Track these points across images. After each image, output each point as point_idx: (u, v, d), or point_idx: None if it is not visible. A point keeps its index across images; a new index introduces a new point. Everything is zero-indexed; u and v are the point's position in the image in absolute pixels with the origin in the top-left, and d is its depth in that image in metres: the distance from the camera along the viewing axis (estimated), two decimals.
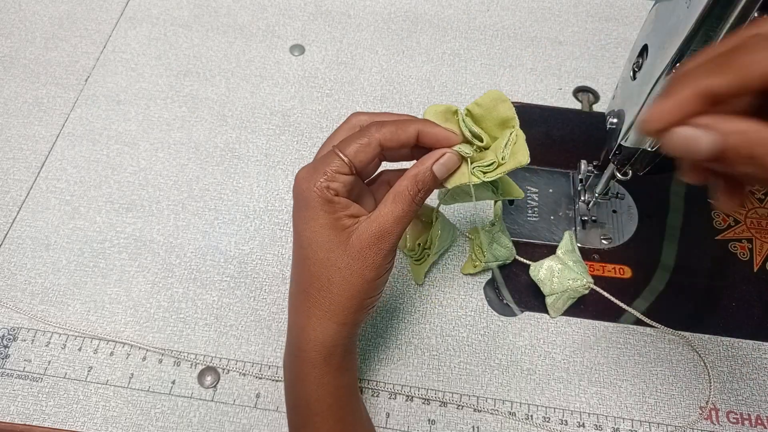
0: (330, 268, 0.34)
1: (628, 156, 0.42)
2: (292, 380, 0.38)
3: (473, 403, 0.44)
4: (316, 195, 0.33)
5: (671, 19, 0.35)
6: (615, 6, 0.66)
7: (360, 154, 0.34)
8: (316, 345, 0.36)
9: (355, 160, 0.34)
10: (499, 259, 0.48)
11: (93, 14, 0.64)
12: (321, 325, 0.35)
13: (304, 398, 0.37)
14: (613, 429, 0.43)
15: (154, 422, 0.43)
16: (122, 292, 0.48)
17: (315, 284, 0.35)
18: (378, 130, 0.34)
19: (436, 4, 0.66)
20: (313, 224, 0.34)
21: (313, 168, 0.34)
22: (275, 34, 0.63)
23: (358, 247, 0.34)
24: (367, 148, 0.34)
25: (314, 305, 0.35)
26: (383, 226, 0.34)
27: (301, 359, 0.36)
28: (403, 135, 0.35)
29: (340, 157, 0.34)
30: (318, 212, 0.34)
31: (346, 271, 0.34)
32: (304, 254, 0.35)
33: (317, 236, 0.34)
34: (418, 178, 0.34)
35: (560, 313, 0.47)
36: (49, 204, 0.52)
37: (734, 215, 0.52)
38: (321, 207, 0.34)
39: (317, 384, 0.36)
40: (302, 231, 0.35)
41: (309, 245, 0.34)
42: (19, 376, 0.44)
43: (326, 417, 0.36)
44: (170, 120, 0.57)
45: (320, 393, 0.36)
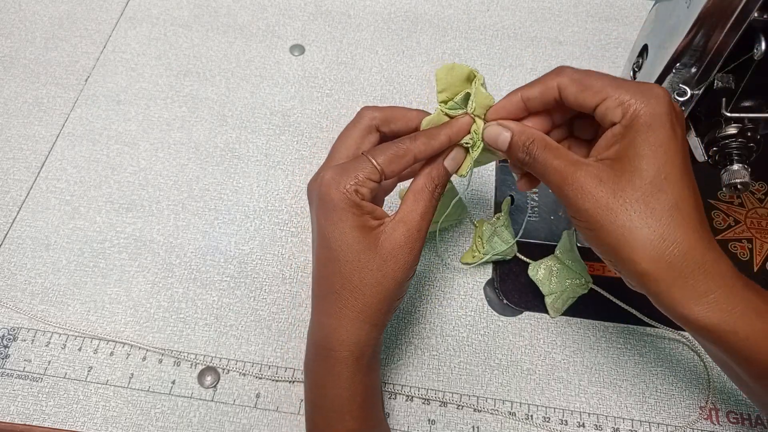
0: (362, 270, 0.34)
1: None
2: (319, 381, 0.37)
3: (473, 403, 0.44)
4: (345, 197, 0.34)
5: (671, 19, 0.35)
6: (615, 6, 0.66)
7: (393, 164, 0.35)
8: (349, 345, 0.35)
9: (387, 169, 0.34)
10: (498, 253, 0.48)
11: (93, 14, 0.64)
12: (354, 326, 0.35)
13: (335, 398, 0.36)
14: (613, 429, 0.43)
15: (154, 422, 0.43)
16: (122, 292, 0.48)
17: (347, 286, 0.35)
18: (413, 142, 0.35)
19: (436, 4, 0.66)
20: (341, 226, 0.34)
21: (343, 170, 0.34)
22: (275, 34, 0.63)
23: (389, 249, 0.34)
24: (401, 159, 0.35)
25: (346, 306, 0.35)
26: (411, 225, 0.35)
27: (333, 359, 0.36)
28: (436, 144, 0.35)
29: (373, 164, 0.34)
30: (346, 214, 0.34)
31: (378, 273, 0.34)
32: (334, 255, 0.35)
33: (346, 238, 0.34)
34: (433, 175, 0.36)
35: (560, 313, 0.47)
36: (49, 204, 0.52)
37: (734, 215, 0.52)
38: (349, 209, 0.34)
39: (349, 383, 0.36)
40: (330, 233, 0.34)
41: (339, 247, 0.34)
42: (19, 376, 0.44)
43: (357, 415, 0.36)
44: (170, 120, 0.57)
45: (352, 392, 0.36)
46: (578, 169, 0.32)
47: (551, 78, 0.33)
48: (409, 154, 0.35)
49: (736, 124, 0.36)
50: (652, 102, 0.30)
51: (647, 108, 0.30)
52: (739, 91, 0.35)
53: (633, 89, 0.31)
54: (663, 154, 0.30)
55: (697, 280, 0.30)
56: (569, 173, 0.32)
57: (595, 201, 0.31)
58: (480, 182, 0.53)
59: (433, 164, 0.36)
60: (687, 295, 0.30)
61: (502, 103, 0.36)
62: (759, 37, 0.32)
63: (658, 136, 0.30)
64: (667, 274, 0.30)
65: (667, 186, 0.30)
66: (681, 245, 0.30)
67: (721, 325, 0.30)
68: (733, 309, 0.30)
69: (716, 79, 0.35)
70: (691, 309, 0.30)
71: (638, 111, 0.30)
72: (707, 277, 0.30)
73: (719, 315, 0.30)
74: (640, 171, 0.30)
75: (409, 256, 0.35)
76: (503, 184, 0.53)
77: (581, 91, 0.32)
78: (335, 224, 0.34)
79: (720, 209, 0.52)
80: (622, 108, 0.31)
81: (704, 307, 0.30)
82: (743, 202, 0.52)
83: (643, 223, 0.30)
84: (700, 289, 0.30)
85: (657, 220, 0.30)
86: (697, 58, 0.34)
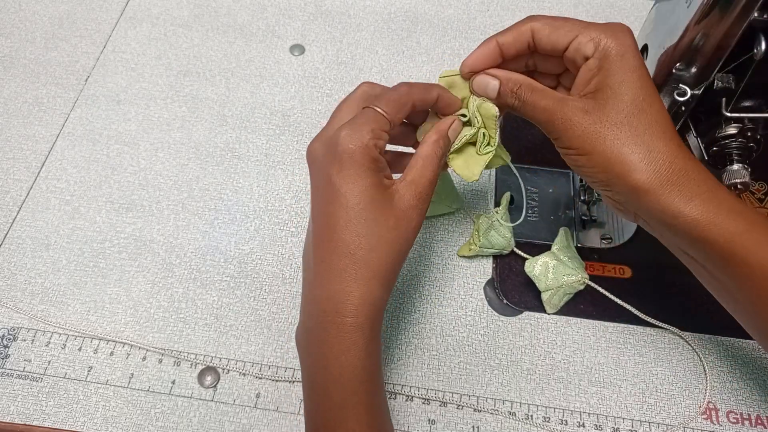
0: (380, 228, 0.34)
1: None
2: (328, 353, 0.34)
3: (473, 403, 0.44)
4: (365, 152, 0.34)
5: (671, 19, 0.35)
6: (615, 6, 0.66)
7: (398, 111, 0.36)
8: (365, 309, 0.34)
9: (395, 117, 0.35)
10: (494, 246, 0.48)
11: (93, 14, 0.64)
12: (369, 288, 0.34)
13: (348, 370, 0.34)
14: (613, 429, 0.43)
15: (154, 422, 0.43)
16: (122, 292, 0.48)
17: (364, 245, 0.34)
18: (410, 87, 0.36)
19: (436, 4, 0.66)
20: (360, 183, 0.33)
21: (356, 126, 0.34)
22: (275, 34, 0.63)
23: (403, 208, 0.35)
24: (404, 106, 0.36)
25: (363, 267, 0.34)
26: (421, 188, 0.36)
27: (347, 327, 0.34)
28: (431, 95, 0.37)
29: (383, 114, 0.35)
30: (366, 171, 0.34)
31: (394, 231, 0.34)
32: (351, 214, 0.34)
33: (365, 196, 0.34)
34: (441, 143, 0.37)
35: (556, 310, 0.47)
36: (49, 204, 0.52)
37: None
38: (369, 165, 0.34)
39: (365, 351, 0.34)
40: (350, 190, 0.34)
41: (357, 205, 0.34)
42: (19, 376, 0.44)
43: (369, 389, 0.35)
44: (170, 120, 0.57)
45: (369, 361, 0.35)
46: (564, 105, 0.34)
47: (524, 23, 0.36)
48: (409, 100, 0.36)
49: (736, 124, 0.36)
50: (619, 36, 0.34)
51: (616, 41, 0.34)
52: (739, 91, 0.35)
53: (600, 27, 0.34)
54: (638, 79, 0.33)
55: (684, 185, 0.33)
56: (557, 109, 0.35)
57: (583, 129, 0.34)
58: (480, 181, 0.53)
59: (439, 132, 0.37)
60: (677, 199, 0.33)
61: (480, 50, 0.38)
62: (759, 37, 0.32)
63: (631, 63, 0.33)
64: (657, 182, 0.33)
65: (646, 105, 0.33)
66: (666, 155, 0.33)
67: (709, 223, 0.33)
68: (718, 208, 0.33)
69: (716, 79, 0.35)
70: (682, 210, 0.33)
71: (609, 44, 0.34)
72: (692, 182, 0.33)
73: (707, 214, 0.33)
74: (621, 95, 0.33)
75: (419, 218, 0.36)
76: (503, 184, 0.53)
77: (554, 31, 0.35)
78: (355, 181, 0.33)
79: None
80: (594, 42, 0.34)
81: (693, 207, 0.33)
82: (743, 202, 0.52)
83: (630, 141, 0.33)
84: (687, 193, 0.33)
85: (641, 136, 0.33)
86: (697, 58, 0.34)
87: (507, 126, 0.57)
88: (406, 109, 0.36)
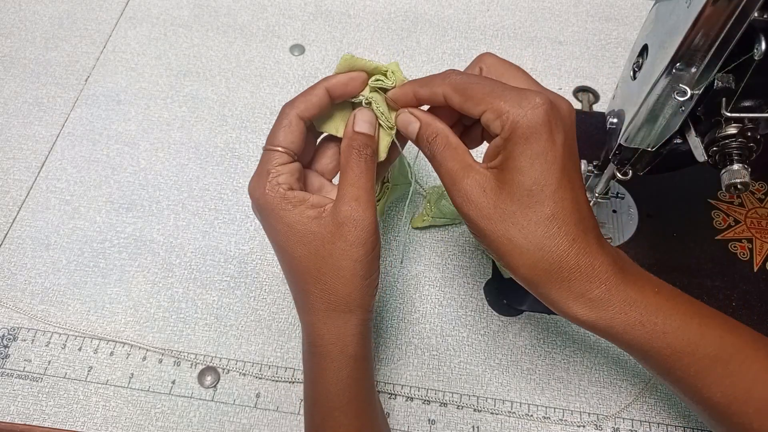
0: (315, 259, 0.34)
1: (628, 156, 0.42)
2: (311, 376, 0.37)
3: (473, 403, 0.44)
4: (271, 197, 0.34)
5: (671, 19, 0.35)
6: (615, 6, 0.66)
7: (289, 135, 0.35)
8: (330, 339, 0.35)
9: (288, 143, 0.35)
10: (446, 215, 0.49)
11: (93, 14, 0.64)
12: (329, 319, 0.35)
13: (324, 393, 0.36)
14: (613, 429, 0.43)
15: (154, 422, 0.43)
16: (122, 292, 0.48)
17: (309, 280, 0.35)
18: (291, 106, 0.36)
19: (436, 4, 0.66)
20: (281, 226, 0.34)
21: (257, 174, 0.35)
22: (275, 34, 0.63)
23: (332, 230, 0.34)
24: (290, 127, 0.35)
25: (316, 300, 0.35)
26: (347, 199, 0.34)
27: (318, 354, 0.36)
28: (314, 98, 0.36)
29: (274, 150, 0.35)
30: (280, 212, 0.34)
31: (331, 258, 0.34)
32: (288, 257, 0.35)
33: (290, 234, 0.34)
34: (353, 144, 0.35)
35: None
36: (49, 204, 0.52)
37: (734, 215, 0.52)
38: (280, 206, 0.34)
39: (336, 377, 0.36)
40: (275, 237, 0.35)
41: (287, 247, 0.34)
42: (19, 376, 0.44)
43: (346, 411, 0.36)
44: (170, 120, 0.57)
45: (340, 386, 0.36)
46: (466, 176, 0.32)
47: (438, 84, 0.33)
48: (293, 119, 0.35)
49: (736, 124, 0.36)
50: (528, 113, 0.30)
51: (524, 119, 0.30)
52: (739, 91, 0.35)
53: (512, 99, 0.31)
54: (539, 166, 0.30)
55: (573, 282, 0.31)
56: (458, 179, 0.32)
57: (477, 210, 0.32)
58: None
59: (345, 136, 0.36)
60: (565, 296, 0.32)
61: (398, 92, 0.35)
62: (759, 37, 0.32)
63: (535, 148, 0.30)
64: (545, 279, 0.31)
65: (544, 197, 0.31)
66: (555, 253, 0.31)
67: (599, 321, 0.32)
68: (609, 305, 0.31)
69: (716, 79, 0.34)
70: (570, 308, 0.32)
71: (515, 123, 0.30)
72: (584, 280, 0.31)
73: (596, 312, 0.32)
74: (518, 184, 0.31)
75: (356, 231, 0.34)
76: None
77: (464, 101, 0.32)
78: (275, 227, 0.34)
79: (720, 209, 0.52)
80: (501, 120, 0.31)
81: (582, 306, 0.32)
82: (743, 202, 0.52)
83: (519, 234, 0.31)
84: (576, 291, 0.31)
85: (532, 231, 0.31)
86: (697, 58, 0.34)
87: None
88: (294, 129, 0.35)
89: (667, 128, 0.38)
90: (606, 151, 0.45)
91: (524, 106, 0.30)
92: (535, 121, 0.30)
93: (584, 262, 0.31)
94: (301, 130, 0.35)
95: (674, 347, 0.32)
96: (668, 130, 0.38)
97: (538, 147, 0.30)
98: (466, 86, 0.32)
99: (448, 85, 0.33)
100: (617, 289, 0.31)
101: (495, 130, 0.31)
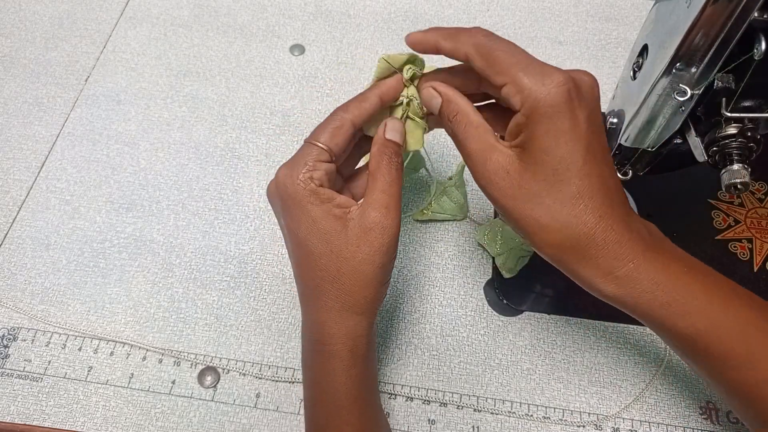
0: (337, 260, 0.34)
1: (628, 156, 0.42)
2: (315, 377, 0.37)
3: (473, 403, 0.44)
4: (302, 188, 0.33)
5: (671, 19, 0.35)
6: (615, 6, 0.66)
7: (336, 137, 0.34)
8: (340, 338, 0.35)
9: (332, 144, 0.34)
10: (446, 212, 0.49)
11: (93, 14, 0.64)
12: (342, 318, 0.35)
13: (330, 392, 0.36)
14: (613, 429, 0.43)
15: (154, 422, 0.43)
16: (122, 292, 0.48)
17: (326, 278, 0.34)
18: (345, 111, 0.35)
19: (436, 4, 0.66)
20: (305, 219, 0.34)
21: (292, 163, 0.34)
22: (275, 34, 0.63)
23: (359, 233, 0.33)
24: (341, 130, 0.35)
25: (330, 299, 0.35)
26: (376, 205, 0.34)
27: (326, 354, 0.36)
28: (368, 105, 0.35)
29: (317, 145, 0.34)
30: (308, 206, 0.34)
31: (354, 260, 0.34)
32: (306, 251, 0.34)
33: (313, 229, 0.34)
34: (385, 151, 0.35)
35: (514, 274, 0.47)
36: (49, 204, 0.52)
37: (734, 215, 0.52)
38: (309, 200, 0.34)
39: (345, 376, 0.36)
40: (296, 228, 0.34)
41: (307, 241, 0.34)
42: (19, 376, 0.44)
43: (352, 409, 0.36)
44: (170, 120, 0.57)
45: (348, 385, 0.36)
46: (489, 158, 0.32)
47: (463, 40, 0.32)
48: (345, 122, 0.35)
49: (736, 124, 0.36)
50: (552, 91, 0.30)
51: (546, 97, 0.30)
52: (739, 91, 0.35)
53: (534, 74, 0.30)
54: (564, 144, 0.30)
55: (601, 260, 0.31)
56: (480, 161, 0.32)
57: (501, 191, 0.32)
58: None
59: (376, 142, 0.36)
60: (593, 273, 0.32)
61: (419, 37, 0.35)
62: (759, 37, 0.32)
63: (558, 127, 0.30)
64: (572, 257, 0.32)
65: (569, 176, 0.30)
66: (582, 232, 0.31)
67: (627, 298, 0.32)
68: (637, 283, 0.31)
69: (716, 79, 0.34)
70: (598, 285, 0.32)
71: (537, 101, 0.30)
72: (611, 257, 0.31)
73: (624, 290, 0.32)
74: (542, 163, 0.31)
75: (382, 237, 0.34)
76: None
77: (487, 67, 0.31)
78: (299, 219, 0.34)
79: (720, 209, 0.52)
80: (522, 96, 0.30)
81: (609, 283, 0.32)
82: (743, 202, 0.52)
83: (545, 214, 0.31)
84: (604, 268, 0.31)
85: (558, 210, 0.31)
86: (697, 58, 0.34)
87: None
88: (344, 132, 0.35)
89: (667, 128, 0.38)
90: None
91: (547, 84, 0.30)
92: (558, 100, 0.30)
93: (612, 239, 0.31)
94: (348, 136, 0.35)
95: (697, 327, 0.32)
96: (668, 130, 0.38)
97: (562, 125, 0.30)
98: (491, 51, 0.31)
99: (472, 46, 0.32)
100: (645, 267, 0.31)
101: (515, 105, 0.31)
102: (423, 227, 0.51)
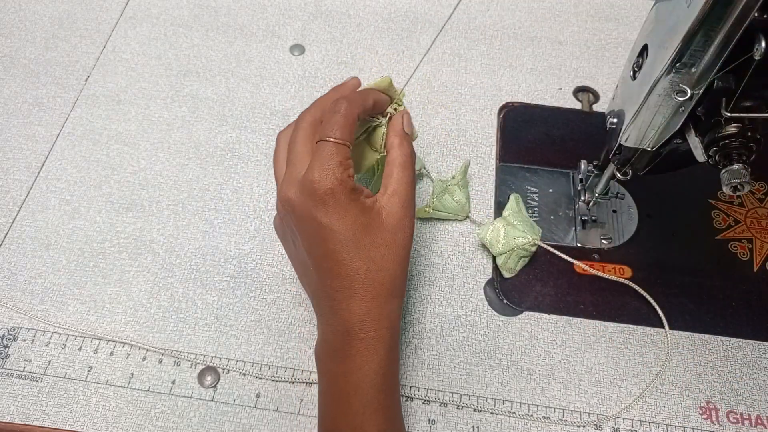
0: (379, 248, 0.36)
1: (628, 156, 0.42)
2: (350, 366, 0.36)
3: (473, 403, 0.44)
4: (343, 187, 0.35)
5: (671, 19, 0.35)
6: (615, 6, 0.66)
7: (348, 132, 0.36)
8: (384, 322, 0.36)
9: (349, 139, 0.36)
10: (447, 210, 0.49)
11: (93, 14, 0.64)
12: (387, 303, 0.37)
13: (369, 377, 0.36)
14: (613, 429, 0.43)
15: (154, 422, 0.43)
16: (122, 292, 0.48)
17: (372, 268, 0.36)
18: (353, 104, 0.36)
19: (436, 4, 0.66)
20: (349, 216, 0.35)
21: (325, 165, 0.35)
22: (275, 34, 0.63)
23: (394, 222, 0.36)
24: (353, 125, 0.36)
25: (376, 287, 0.36)
26: (404, 196, 0.37)
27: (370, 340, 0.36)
28: (369, 103, 0.38)
29: (340, 143, 0.35)
30: (349, 203, 0.35)
31: (393, 245, 0.36)
32: (350, 247, 0.35)
33: (357, 226, 0.35)
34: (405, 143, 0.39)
35: (514, 274, 0.48)
36: (49, 204, 0.52)
37: (734, 215, 0.52)
38: (350, 197, 0.35)
39: (387, 360, 0.37)
40: (342, 227, 0.35)
41: (353, 236, 0.35)
42: (19, 376, 0.44)
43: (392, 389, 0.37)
44: (170, 120, 0.57)
45: (389, 369, 0.37)
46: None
47: None
48: (354, 116, 0.37)
49: (736, 124, 0.36)
50: None
51: None
52: (739, 91, 0.35)
53: None
54: None
55: None
56: None
57: None
58: (480, 182, 0.53)
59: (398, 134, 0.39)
60: None
61: None
62: (759, 37, 0.32)
63: None
64: None
65: None
66: None
67: None
68: None
69: (716, 79, 0.34)
70: None
71: None
72: None
73: None
74: None
75: (410, 223, 0.37)
76: (503, 184, 0.53)
77: None
78: (344, 216, 0.35)
79: (720, 209, 0.52)
80: None
81: None
82: (743, 202, 0.52)
83: None
84: None
85: None
86: (697, 58, 0.34)
87: (507, 126, 0.57)
88: (352, 126, 0.36)
89: (667, 128, 0.38)
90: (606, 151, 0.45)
91: None
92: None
93: None
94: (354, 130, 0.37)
95: None
96: (668, 130, 0.38)
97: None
98: None
99: None
100: None
101: None
102: (423, 227, 0.51)
